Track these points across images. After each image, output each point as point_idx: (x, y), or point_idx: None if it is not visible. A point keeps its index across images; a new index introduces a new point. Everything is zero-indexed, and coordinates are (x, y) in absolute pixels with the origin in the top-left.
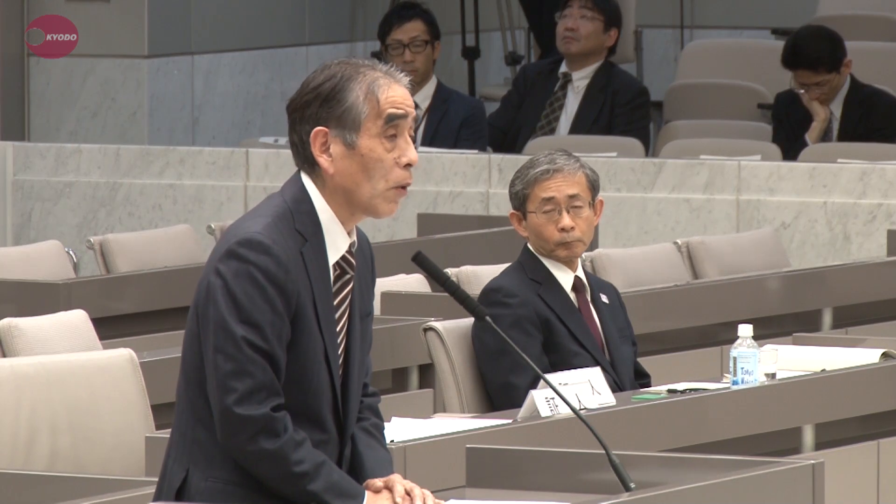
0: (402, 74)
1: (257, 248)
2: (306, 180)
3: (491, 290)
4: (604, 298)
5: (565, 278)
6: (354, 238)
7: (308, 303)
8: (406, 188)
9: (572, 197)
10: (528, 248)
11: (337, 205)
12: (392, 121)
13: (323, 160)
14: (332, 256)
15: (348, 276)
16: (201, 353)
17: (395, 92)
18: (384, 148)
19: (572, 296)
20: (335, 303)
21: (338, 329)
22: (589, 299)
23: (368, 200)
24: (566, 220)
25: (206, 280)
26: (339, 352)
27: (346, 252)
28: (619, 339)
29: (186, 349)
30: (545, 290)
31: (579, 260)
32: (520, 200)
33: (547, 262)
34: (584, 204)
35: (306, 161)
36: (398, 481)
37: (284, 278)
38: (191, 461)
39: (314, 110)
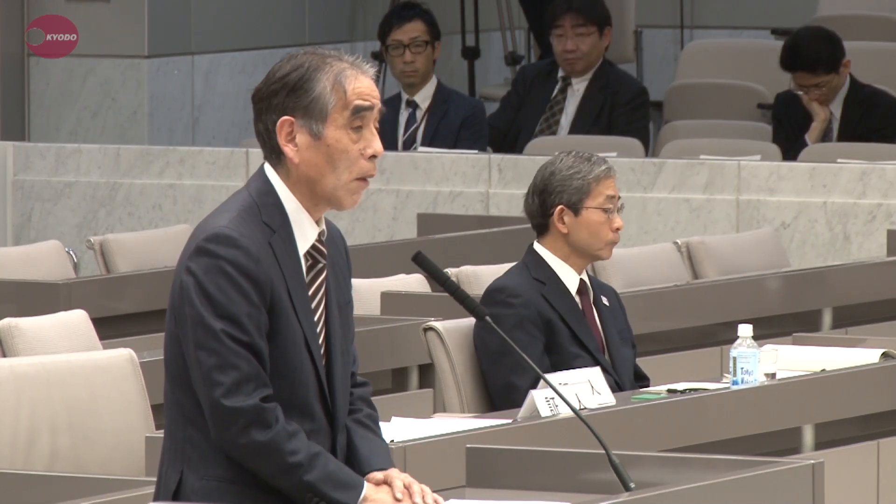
0: (369, 66)
1: (225, 241)
2: (270, 172)
3: (495, 290)
4: (604, 301)
5: (571, 281)
6: (324, 227)
7: (282, 292)
8: (367, 180)
9: (619, 199)
10: (534, 249)
11: (301, 195)
12: (358, 112)
13: (289, 150)
14: (302, 246)
15: (321, 265)
16: (183, 354)
17: (361, 83)
18: (350, 139)
19: (576, 298)
20: (310, 292)
21: (316, 318)
22: (591, 301)
23: (332, 191)
24: (619, 221)
25: (178, 280)
26: (320, 341)
27: (316, 241)
28: (619, 341)
29: (168, 352)
30: (549, 291)
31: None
32: (581, 194)
33: (553, 264)
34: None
35: (272, 151)
36: (397, 476)
37: (256, 269)
38: (184, 462)
39: (281, 100)
